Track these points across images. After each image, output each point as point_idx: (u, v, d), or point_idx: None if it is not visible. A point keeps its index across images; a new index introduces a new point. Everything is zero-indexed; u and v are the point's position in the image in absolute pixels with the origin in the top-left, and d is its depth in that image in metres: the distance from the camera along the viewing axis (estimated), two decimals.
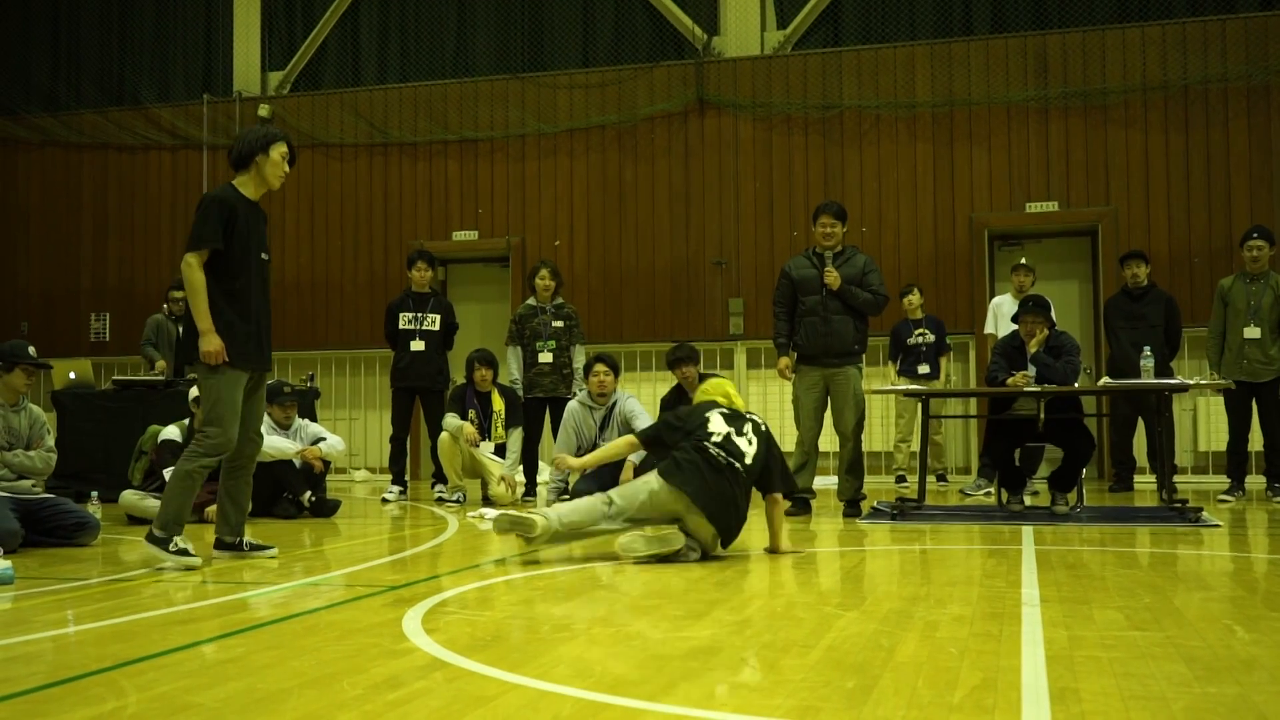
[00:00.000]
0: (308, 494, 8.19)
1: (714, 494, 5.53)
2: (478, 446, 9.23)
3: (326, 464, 8.46)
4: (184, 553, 5.34)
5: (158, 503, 7.64)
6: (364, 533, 7.27)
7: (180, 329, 10.68)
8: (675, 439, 5.81)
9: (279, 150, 5.63)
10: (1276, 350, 8.87)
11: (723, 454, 5.62)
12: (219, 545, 5.76)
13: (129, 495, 7.92)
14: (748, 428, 5.82)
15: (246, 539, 5.80)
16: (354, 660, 3.25)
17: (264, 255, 5.71)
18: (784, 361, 8.00)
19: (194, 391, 7.96)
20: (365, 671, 3.10)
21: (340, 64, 14.24)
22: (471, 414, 9.31)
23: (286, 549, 6.26)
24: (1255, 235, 9.05)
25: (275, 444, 8.14)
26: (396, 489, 9.77)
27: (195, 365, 5.52)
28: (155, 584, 4.93)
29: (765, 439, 5.84)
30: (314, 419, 9.37)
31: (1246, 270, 9.08)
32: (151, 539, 5.38)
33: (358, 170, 13.60)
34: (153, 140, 14.23)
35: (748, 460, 5.69)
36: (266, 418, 8.33)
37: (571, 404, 8.85)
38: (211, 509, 7.59)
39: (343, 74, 14.19)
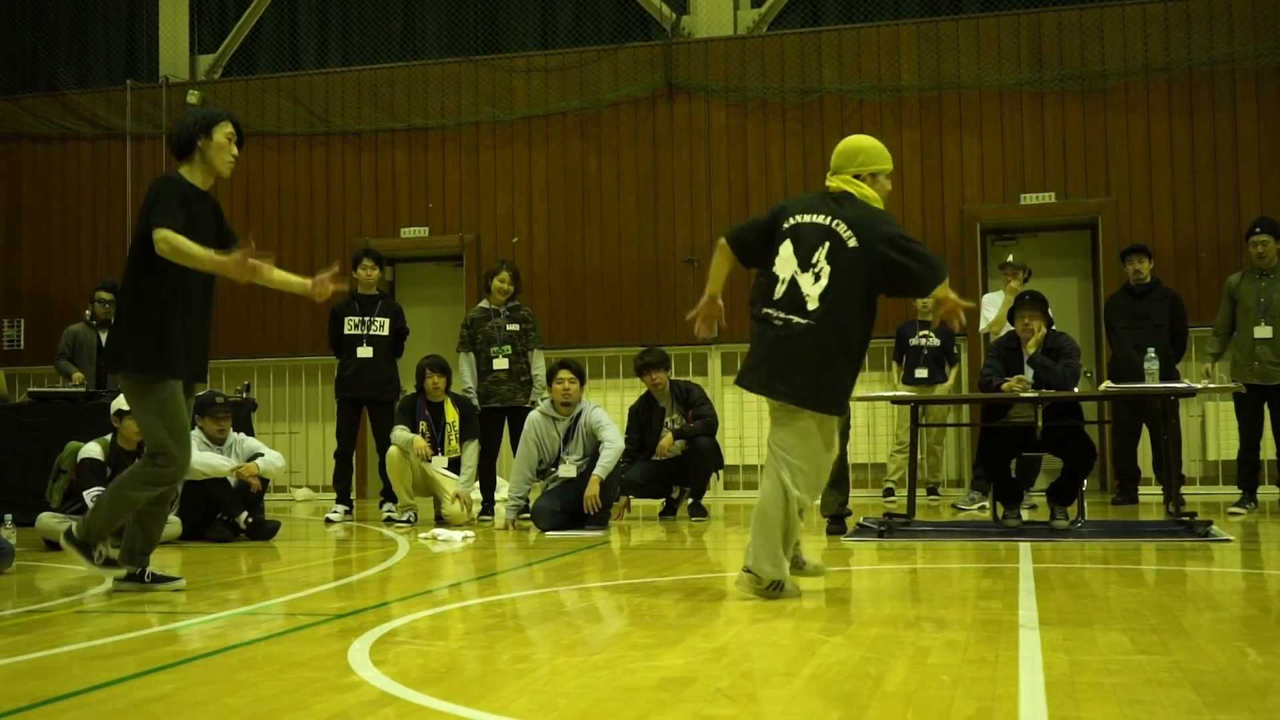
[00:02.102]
0: (244, 515, 8.14)
1: (770, 361, 5.01)
2: (429, 461, 9.20)
3: (265, 482, 8.41)
4: (112, 563, 5.36)
5: None
6: (306, 557, 7.23)
7: (102, 336, 10.64)
8: (756, 243, 5.29)
9: (223, 131, 5.42)
10: None
11: (781, 314, 5.02)
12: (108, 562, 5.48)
13: (47, 518, 7.83)
14: (819, 254, 4.99)
15: (150, 569, 5.50)
16: (295, 696, 3.23)
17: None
18: None
19: (116, 404, 7.90)
20: (308, 708, 3.08)
21: (276, 46, 14.16)
22: (423, 426, 9.28)
23: (221, 575, 6.22)
24: (1259, 230, 9.17)
25: (208, 461, 8.09)
26: (341, 509, 9.72)
27: (121, 377, 5.38)
28: (76, 615, 4.88)
29: (850, 257, 4.92)
30: (250, 433, 9.31)
31: (1256, 266, 9.18)
32: (72, 540, 5.36)
33: (296, 162, 13.54)
34: (70, 130, 14.11)
35: (811, 305, 4.94)
36: (198, 432, 8.30)
37: (533, 415, 8.84)
38: None
39: (279, 57, 14.11)
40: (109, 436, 7.98)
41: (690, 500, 9.52)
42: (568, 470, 8.64)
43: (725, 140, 12.55)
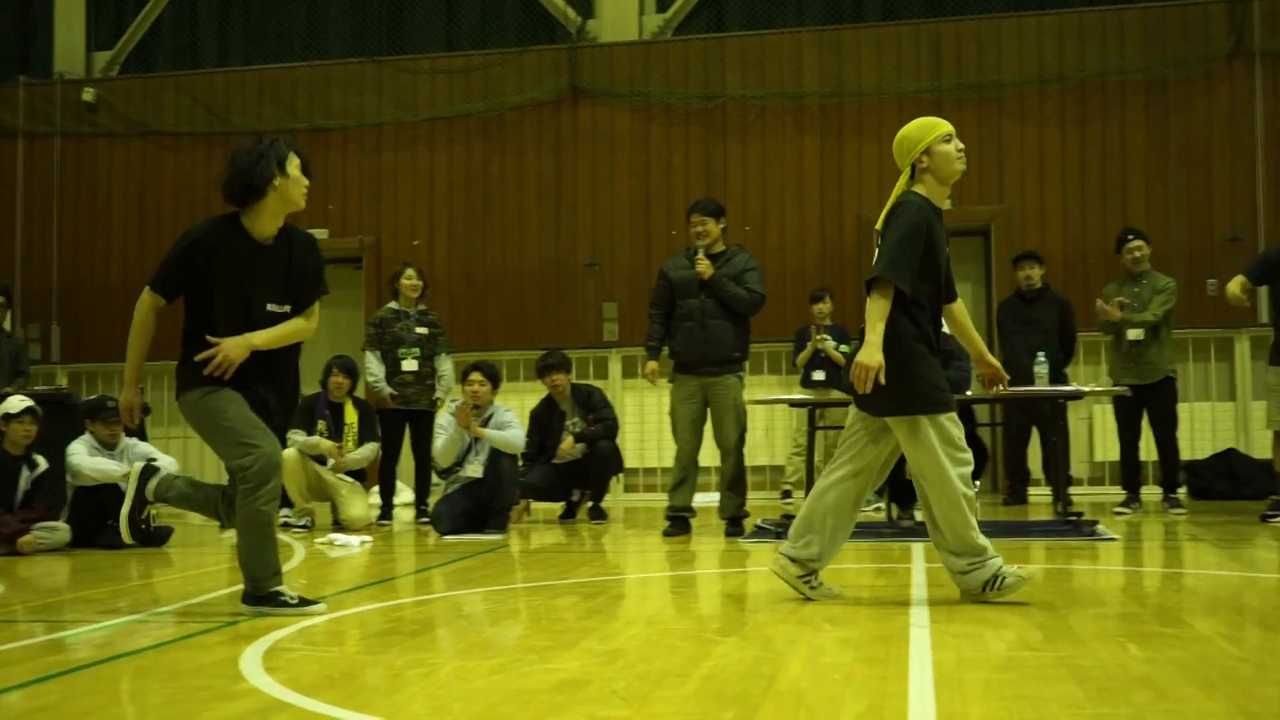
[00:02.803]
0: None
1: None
2: (326, 464, 9.10)
3: None
4: (304, 602, 4.76)
5: None
6: (199, 563, 7.10)
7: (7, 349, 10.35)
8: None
9: (294, 165, 4.87)
10: (1156, 351, 9.19)
11: None
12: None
13: None
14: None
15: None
16: (184, 705, 3.18)
17: (274, 307, 4.92)
18: (651, 366, 8.05)
19: (3, 409, 7.70)
20: (196, 717, 3.04)
21: (176, 44, 13.92)
22: (321, 425, 9.14)
23: (111, 582, 6.10)
24: (1131, 236, 9.42)
25: (99, 466, 7.92)
26: None
27: (180, 402, 4.95)
28: None
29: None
30: (144, 438, 9.12)
31: (1129, 272, 9.40)
32: (254, 602, 4.74)
33: (194, 161, 13.29)
34: None
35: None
36: (89, 437, 8.13)
37: (443, 416, 8.79)
38: (25, 539, 7.36)
39: (179, 55, 13.87)
40: None
41: (590, 503, 9.52)
42: (474, 470, 8.58)
43: (629, 145, 12.57)
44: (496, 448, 8.51)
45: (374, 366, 9.40)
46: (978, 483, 8.14)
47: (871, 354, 4.68)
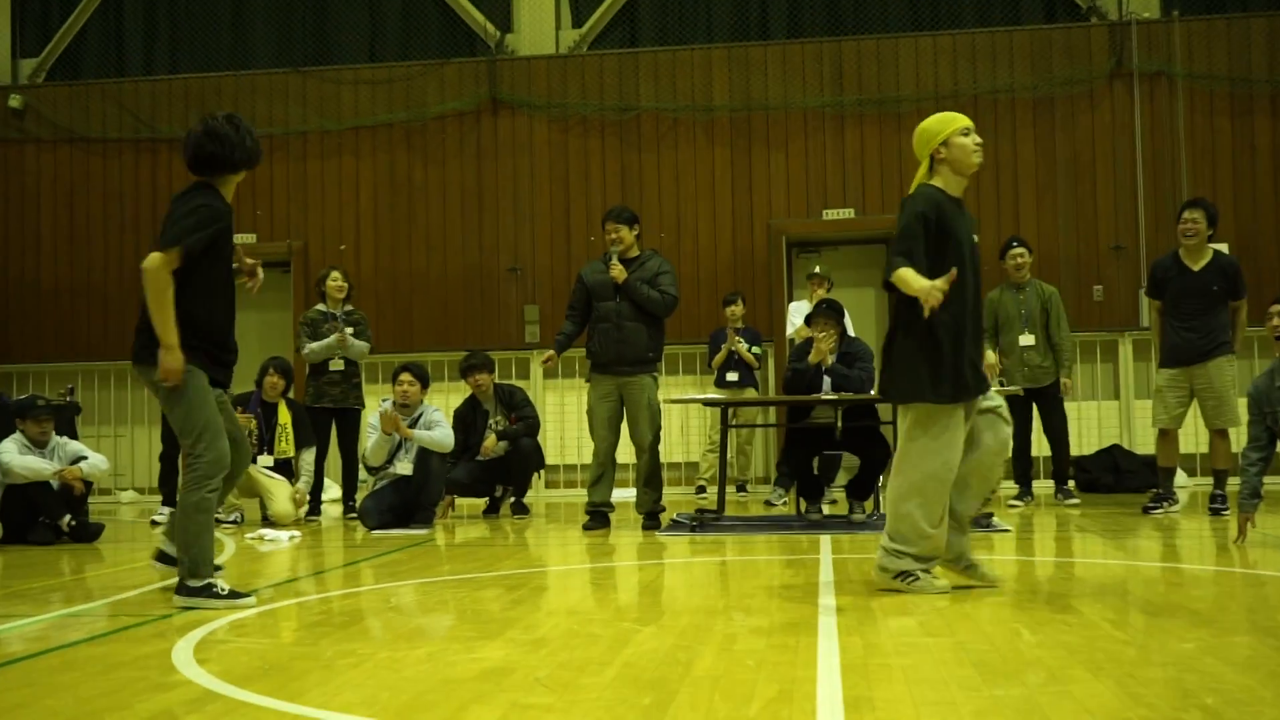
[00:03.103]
0: (67, 518, 7.82)
1: None
2: (254, 461, 8.98)
3: (88, 485, 8.10)
4: (234, 595, 4.79)
5: None
6: (131, 559, 6.98)
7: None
8: None
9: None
10: (1044, 356, 9.38)
11: None
12: (162, 557, 5.28)
13: None
14: None
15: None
16: (117, 696, 3.13)
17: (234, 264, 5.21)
18: (548, 353, 8.05)
19: None
20: (129, 708, 2.99)
21: (103, 52, 13.65)
22: (252, 423, 9.03)
23: (43, 578, 5.97)
24: (1015, 244, 9.59)
25: (29, 464, 7.76)
26: (167, 510, 9.40)
27: (152, 381, 4.91)
28: None
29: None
30: (74, 436, 8.96)
31: (1011, 280, 9.57)
32: (188, 592, 4.74)
33: (122, 168, 13.06)
34: None
35: None
36: (20, 436, 7.96)
37: (374, 414, 8.72)
38: None
39: (105, 63, 13.60)
40: None
41: (513, 499, 9.50)
42: (404, 467, 8.52)
43: (547, 154, 12.56)
44: (426, 448, 8.47)
45: (318, 349, 9.26)
46: (881, 478, 8.24)
47: (919, 282, 4.62)
